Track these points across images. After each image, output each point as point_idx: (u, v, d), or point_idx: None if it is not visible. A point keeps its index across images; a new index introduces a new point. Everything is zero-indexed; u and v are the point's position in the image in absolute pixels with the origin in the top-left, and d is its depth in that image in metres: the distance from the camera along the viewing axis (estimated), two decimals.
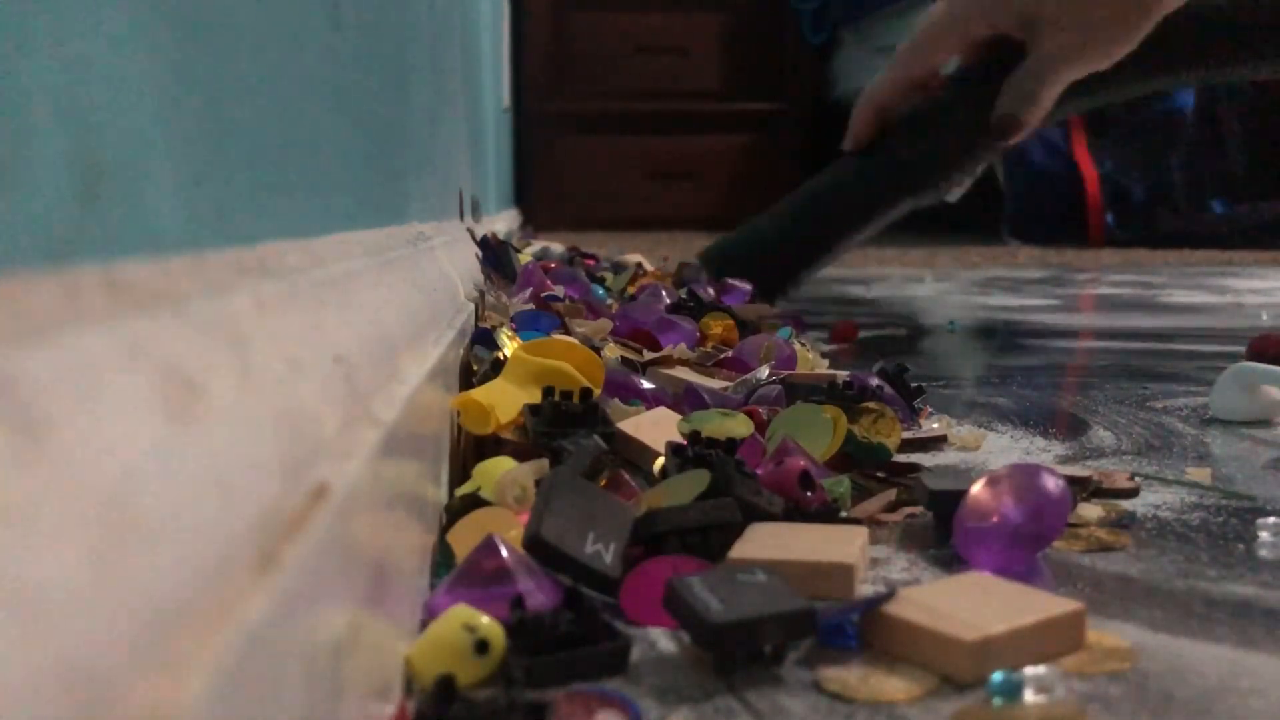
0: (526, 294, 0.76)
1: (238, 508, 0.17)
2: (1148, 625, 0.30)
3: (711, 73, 3.36)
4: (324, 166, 0.34)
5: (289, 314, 0.24)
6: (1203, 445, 0.52)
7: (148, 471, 0.15)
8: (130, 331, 0.16)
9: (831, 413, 0.45)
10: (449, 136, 0.86)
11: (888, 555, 0.36)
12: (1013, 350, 0.88)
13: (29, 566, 0.11)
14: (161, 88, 0.19)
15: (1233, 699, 0.26)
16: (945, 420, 0.55)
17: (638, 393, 0.51)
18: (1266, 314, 1.13)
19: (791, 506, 0.37)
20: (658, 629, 0.30)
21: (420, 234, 0.53)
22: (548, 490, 0.32)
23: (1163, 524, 0.40)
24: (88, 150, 0.16)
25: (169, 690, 0.12)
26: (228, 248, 0.22)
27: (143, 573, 0.13)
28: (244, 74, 0.25)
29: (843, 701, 0.26)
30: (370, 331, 0.30)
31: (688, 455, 0.38)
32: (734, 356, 0.66)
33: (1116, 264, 1.93)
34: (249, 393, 0.19)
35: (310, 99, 0.32)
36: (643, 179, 3.34)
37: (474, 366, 0.51)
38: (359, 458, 0.22)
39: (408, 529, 0.29)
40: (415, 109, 0.61)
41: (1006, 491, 0.35)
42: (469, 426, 0.42)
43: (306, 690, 0.17)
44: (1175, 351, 0.85)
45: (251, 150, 0.25)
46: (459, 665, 0.25)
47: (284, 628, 0.16)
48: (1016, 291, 1.39)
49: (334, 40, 0.36)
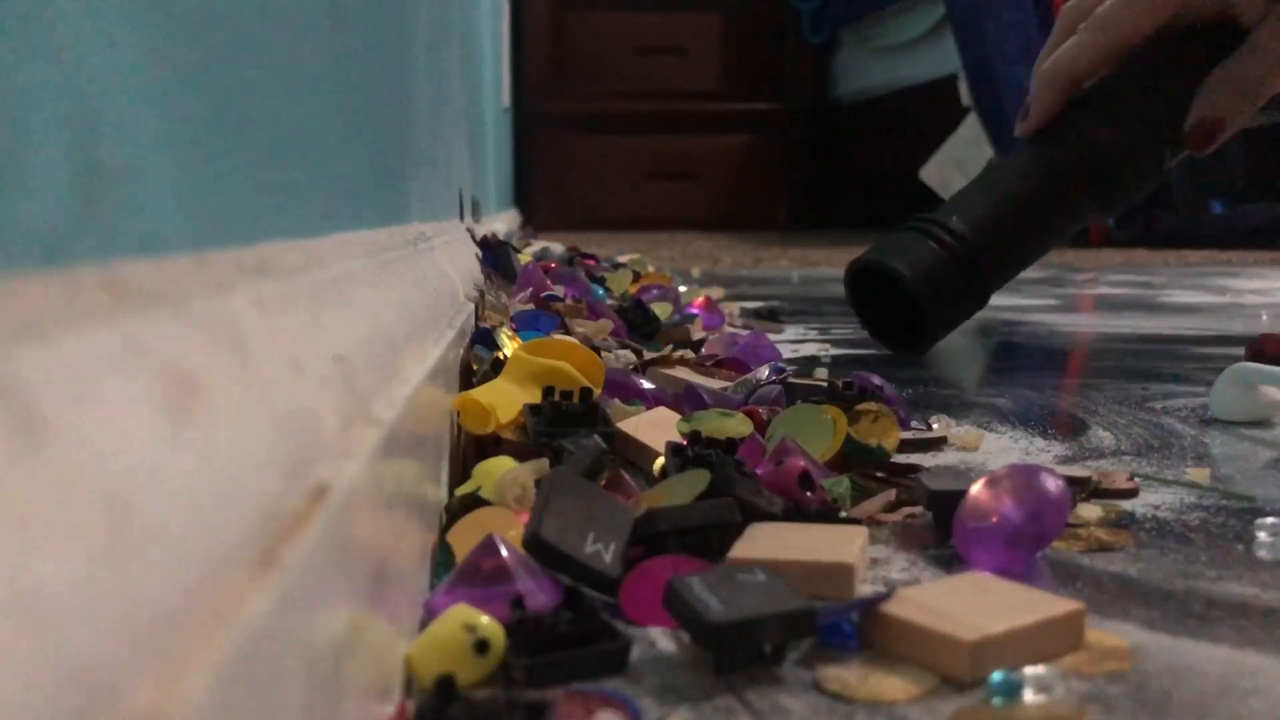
0: (526, 294, 0.76)
1: (238, 508, 0.17)
2: (1147, 625, 0.30)
3: (711, 73, 3.36)
4: (324, 166, 0.34)
5: (289, 314, 0.24)
6: (1202, 445, 0.52)
7: (148, 471, 0.15)
8: (130, 331, 0.16)
9: (831, 413, 0.45)
10: (449, 136, 0.86)
11: (887, 555, 0.36)
12: (1013, 350, 0.88)
13: (29, 566, 0.11)
14: (161, 88, 0.19)
15: (1232, 699, 0.26)
16: (945, 420, 0.55)
17: (638, 393, 0.51)
18: (1266, 314, 1.13)
19: (791, 506, 0.37)
20: (658, 629, 0.30)
21: (420, 234, 0.53)
22: (548, 490, 0.32)
23: (1162, 524, 0.40)
24: (88, 150, 0.16)
25: (169, 690, 0.12)
26: (228, 248, 0.22)
27: (143, 573, 0.13)
28: (244, 74, 0.25)
29: (842, 701, 0.26)
30: (370, 331, 0.30)
31: (688, 455, 0.38)
32: (734, 358, 0.66)
33: (1116, 264, 1.93)
34: (249, 393, 0.19)
35: (310, 99, 0.32)
36: (642, 179, 3.34)
37: (474, 366, 0.51)
38: (359, 458, 0.22)
39: (408, 529, 0.29)
40: (415, 109, 0.61)
41: (1006, 492, 0.35)
42: (469, 426, 0.42)
43: (306, 690, 0.17)
44: (1175, 351, 0.85)
45: (251, 150, 0.25)
46: (459, 665, 0.25)
47: (284, 628, 0.16)
48: (1016, 291, 1.39)
49: (335, 40, 0.36)
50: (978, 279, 0.74)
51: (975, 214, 0.74)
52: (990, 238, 0.74)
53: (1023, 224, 0.76)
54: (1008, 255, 0.76)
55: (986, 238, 0.74)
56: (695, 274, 1.59)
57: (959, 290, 0.74)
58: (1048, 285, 1.49)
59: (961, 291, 0.74)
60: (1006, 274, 0.77)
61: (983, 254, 0.74)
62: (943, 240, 0.73)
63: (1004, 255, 0.75)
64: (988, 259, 0.74)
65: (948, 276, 0.73)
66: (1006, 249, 0.75)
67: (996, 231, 0.74)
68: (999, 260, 0.75)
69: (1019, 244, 0.76)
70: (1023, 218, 0.75)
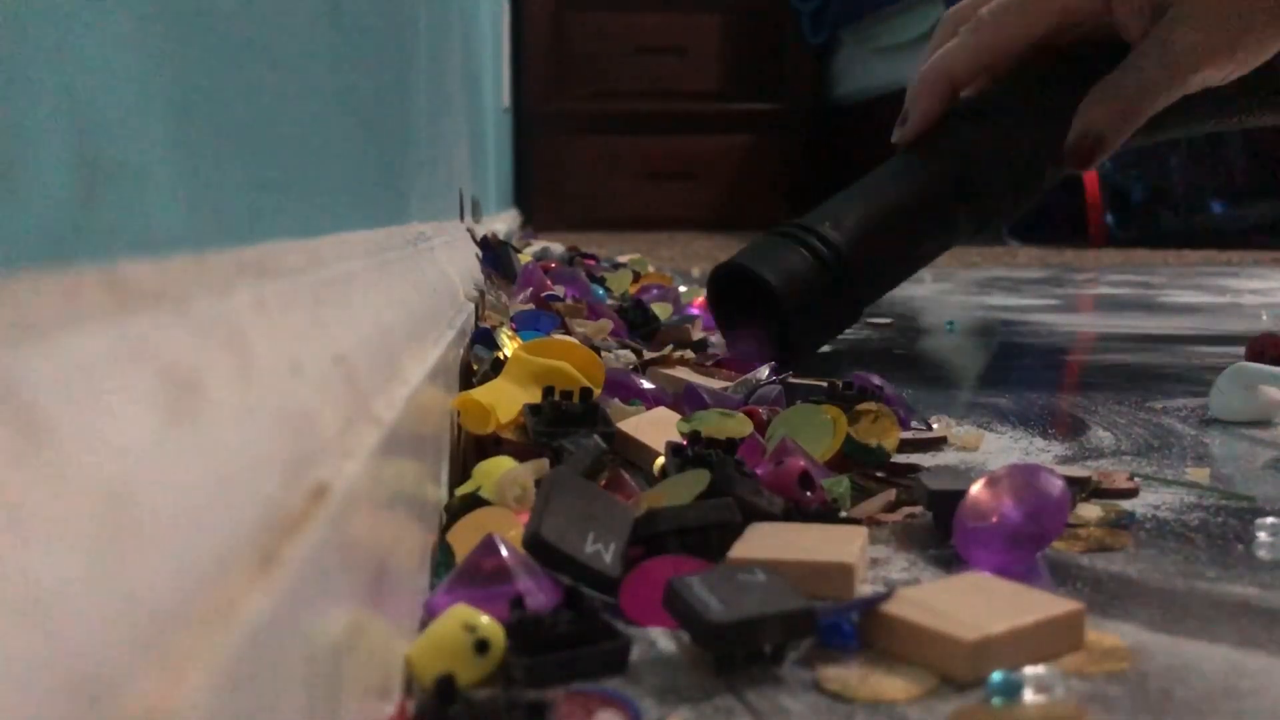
0: (526, 294, 0.76)
1: (238, 507, 0.17)
2: (1147, 625, 0.30)
3: (710, 73, 3.36)
4: (324, 166, 0.34)
5: (289, 314, 0.24)
6: (1202, 445, 0.52)
7: (148, 471, 0.15)
8: (130, 331, 0.16)
9: (831, 413, 0.45)
10: (449, 136, 0.86)
11: (888, 555, 0.36)
12: (1012, 350, 0.88)
13: (29, 566, 0.11)
14: (161, 88, 0.19)
15: (1232, 699, 0.26)
16: (945, 420, 0.55)
17: (638, 393, 0.51)
18: (1266, 314, 1.13)
19: (791, 506, 0.37)
20: (658, 629, 0.30)
21: (420, 234, 0.53)
22: (548, 490, 0.32)
23: (1162, 524, 0.40)
24: (88, 150, 0.16)
25: (169, 690, 0.12)
26: (228, 248, 0.22)
27: (143, 573, 0.13)
28: (244, 74, 0.25)
29: (842, 701, 0.26)
30: (370, 331, 0.30)
31: (688, 455, 0.38)
32: (734, 358, 0.66)
33: (1116, 264, 1.93)
34: (249, 393, 0.19)
35: (310, 99, 0.32)
36: (642, 179, 3.34)
37: (474, 366, 0.51)
38: (359, 458, 0.22)
39: (408, 529, 0.29)
40: (415, 109, 0.61)
41: (1006, 492, 0.35)
42: (469, 426, 0.42)
43: (306, 690, 0.17)
44: (1175, 351, 0.85)
45: (252, 150, 0.25)
46: (459, 665, 0.25)
47: (284, 628, 0.16)
48: (1016, 291, 1.39)
49: (335, 40, 0.36)
50: (848, 289, 0.71)
51: (848, 223, 0.71)
52: (863, 247, 0.70)
53: (895, 233, 0.72)
54: (880, 266, 0.73)
55: (859, 247, 0.70)
56: (695, 274, 1.59)
57: (828, 300, 0.70)
58: (1048, 285, 1.49)
59: (831, 302, 0.70)
60: (879, 286, 0.74)
61: (854, 263, 0.70)
62: (814, 248, 0.69)
63: (876, 266, 0.72)
64: (858, 269, 0.70)
65: (817, 285, 0.69)
66: (878, 259, 0.72)
67: (869, 241, 0.71)
68: (871, 270, 0.72)
69: (892, 254, 0.73)
70: (896, 227, 0.72)
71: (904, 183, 0.73)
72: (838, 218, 0.71)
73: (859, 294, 0.72)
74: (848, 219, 0.71)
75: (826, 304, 0.70)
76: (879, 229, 0.71)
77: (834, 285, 0.70)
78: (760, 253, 0.71)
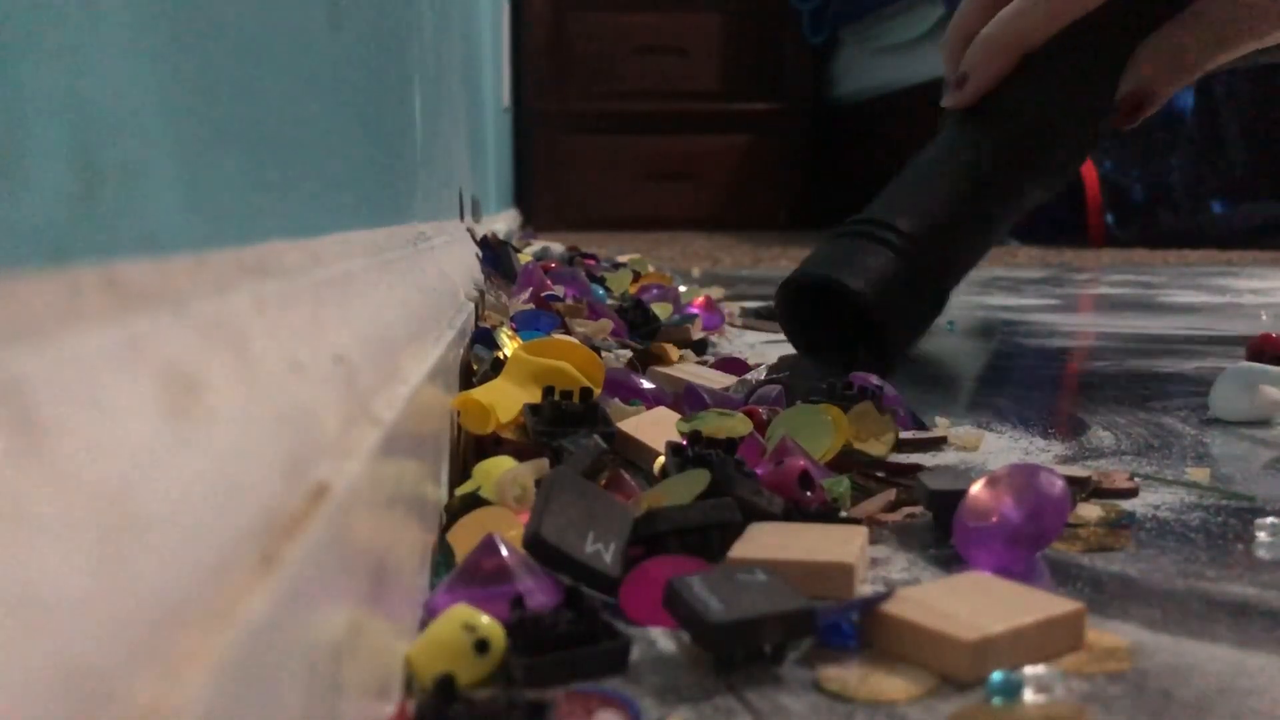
0: (526, 294, 0.76)
1: (238, 507, 0.17)
2: (1147, 625, 0.30)
3: (711, 73, 3.36)
4: (324, 166, 0.34)
5: (289, 314, 0.24)
6: (1202, 445, 0.52)
7: (148, 471, 0.15)
8: (130, 331, 0.16)
9: (831, 413, 0.45)
10: (449, 136, 0.86)
11: (888, 555, 0.36)
12: (1012, 350, 0.88)
13: (29, 566, 0.11)
14: (161, 88, 0.19)
15: (1232, 699, 0.26)
16: (945, 421, 0.55)
17: (638, 393, 0.51)
18: (1266, 314, 1.13)
19: (791, 506, 0.37)
20: (658, 629, 0.30)
21: (420, 234, 0.53)
22: (548, 490, 0.32)
23: (1162, 524, 0.40)
24: (88, 150, 0.16)
25: (169, 690, 0.12)
26: (228, 248, 0.22)
27: (143, 573, 0.13)
28: (244, 74, 0.25)
29: (842, 701, 0.26)
30: (370, 331, 0.30)
31: (688, 455, 0.38)
32: (733, 358, 0.66)
33: (1116, 264, 1.93)
34: (249, 393, 0.19)
35: (310, 99, 0.32)
36: (642, 179, 3.34)
37: (474, 366, 0.51)
38: (359, 458, 0.22)
39: (408, 529, 0.29)
40: (415, 109, 0.61)
41: (1006, 491, 0.35)
42: (469, 426, 0.42)
43: (306, 690, 0.17)
44: (1175, 351, 0.85)
45: (251, 150, 0.25)
46: (459, 665, 0.25)
47: (284, 628, 0.16)
48: (1016, 291, 1.39)
49: (334, 40, 0.36)
50: (932, 281, 0.67)
51: (918, 210, 0.67)
52: (939, 233, 0.67)
53: (968, 211, 0.68)
54: (958, 249, 0.69)
55: (935, 234, 0.66)
56: (695, 274, 1.59)
57: (913, 296, 0.66)
58: (1048, 285, 1.49)
59: (917, 297, 0.67)
60: (960, 270, 0.71)
61: (932, 252, 0.66)
62: (890, 243, 0.66)
63: (954, 250, 0.69)
64: (939, 257, 0.67)
65: (901, 282, 0.65)
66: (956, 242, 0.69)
67: (943, 225, 0.67)
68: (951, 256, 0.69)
69: (967, 233, 0.69)
70: (967, 205, 0.68)
71: (967, 154, 0.70)
72: (906, 206, 0.67)
73: (943, 283, 0.69)
74: (917, 206, 0.67)
75: (913, 300, 0.66)
76: (951, 211, 0.68)
77: (917, 279, 0.66)
78: (836, 258, 0.66)
